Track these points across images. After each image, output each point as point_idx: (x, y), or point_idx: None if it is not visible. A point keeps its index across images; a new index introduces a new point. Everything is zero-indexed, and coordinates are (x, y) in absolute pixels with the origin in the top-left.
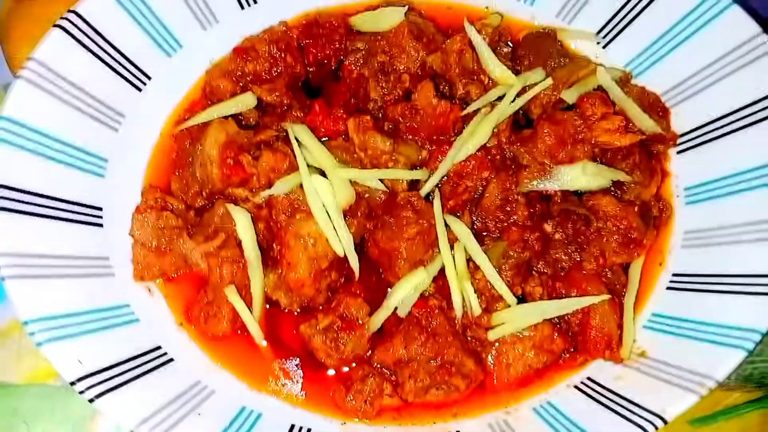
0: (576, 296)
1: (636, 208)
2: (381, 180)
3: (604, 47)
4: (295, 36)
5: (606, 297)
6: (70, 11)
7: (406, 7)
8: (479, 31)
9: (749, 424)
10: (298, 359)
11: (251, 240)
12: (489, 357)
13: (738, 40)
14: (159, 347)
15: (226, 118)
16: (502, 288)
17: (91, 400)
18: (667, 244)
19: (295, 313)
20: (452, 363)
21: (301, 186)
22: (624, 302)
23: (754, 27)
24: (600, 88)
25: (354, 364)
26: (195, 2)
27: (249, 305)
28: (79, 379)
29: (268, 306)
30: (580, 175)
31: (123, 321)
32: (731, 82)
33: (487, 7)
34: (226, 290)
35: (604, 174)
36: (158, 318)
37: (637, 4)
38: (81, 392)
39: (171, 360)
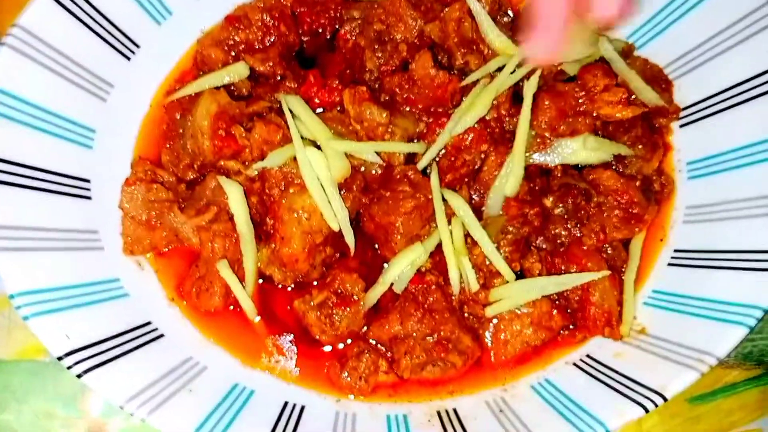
0: (576, 272)
1: (637, 183)
2: (377, 153)
3: None
4: (288, 4)
5: (606, 273)
6: None
7: None
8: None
9: (748, 402)
10: (292, 335)
11: (244, 213)
12: (486, 333)
13: (743, 10)
14: (149, 322)
15: (217, 88)
16: (500, 263)
17: (79, 376)
18: (669, 220)
19: (289, 289)
20: (449, 339)
21: (295, 159)
22: (624, 278)
23: None
24: (602, 60)
25: (349, 341)
26: None
27: (242, 280)
28: (67, 354)
29: (261, 281)
30: (580, 149)
31: (112, 295)
32: (736, 54)
33: None
34: (218, 264)
35: (605, 147)
36: (148, 293)
37: None
38: (68, 367)
39: (161, 335)
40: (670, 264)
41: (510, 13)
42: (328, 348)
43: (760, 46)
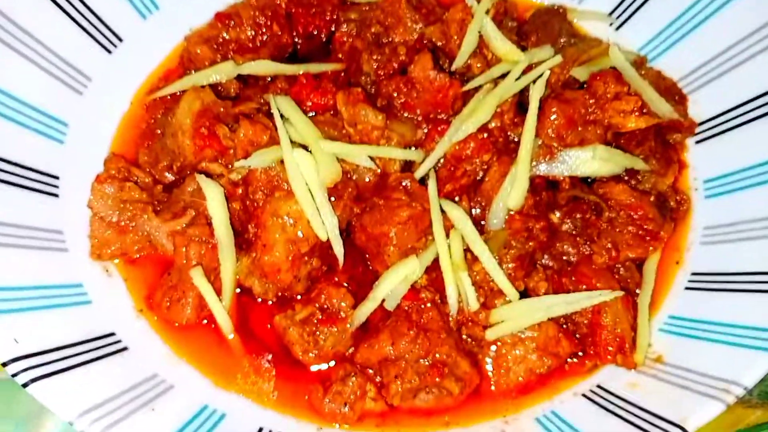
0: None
1: (652, 198)
2: (372, 159)
3: (616, 29)
4: (283, 4)
5: (619, 293)
6: None
7: None
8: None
9: None
10: (270, 355)
11: (223, 216)
12: (486, 359)
13: (760, 21)
14: (113, 333)
15: (203, 87)
16: (502, 281)
17: (24, 385)
18: (685, 241)
19: (270, 303)
20: (445, 363)
21: (282, 162)
22: (638, 302)
23: None
24: (613, 69)
25: (334, 362)
26: None
27: (218, 292)
28: (13, 360)
29: (239, 293)
30: (590, 160)
31: (73, 302)
32: (753, 67)
33: None
34: (191, 272)
35: (616, 159)
36: (114, 301)
37: None
38: (14, 375)
39: (125, 348)
40: (687, 288)
41: (515, 20)
42: (312, 369)
43: None
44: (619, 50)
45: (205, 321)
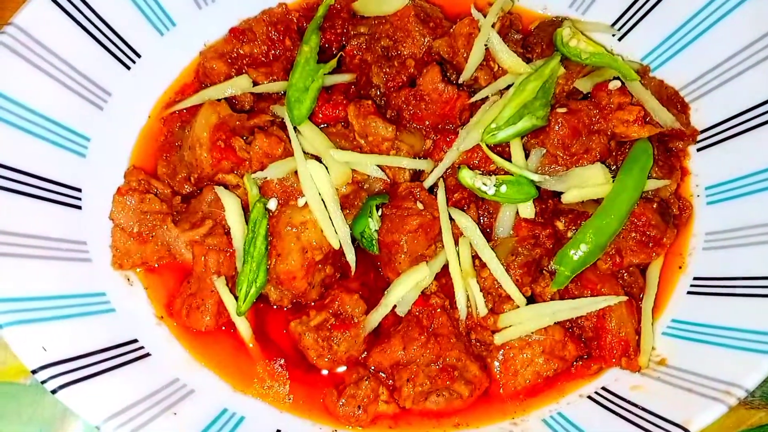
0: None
1: (654, 205)
2: (382, 169)
3: (619, 39)
4: (294, 18)
5: (623, 298)
6: None
7: None
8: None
9: None
10: (282, 359)
11: (241, 227)
12: (495, 362)
13: (761, 31)
14: (135, 340)
15: (219, 100)
16: (510, 287)
17: (53, 391)
18: (687, 247)
19: (285, 309)
20: (455, 367)
21: (296, 172)
22: (642, 306)
23: None
24: (617, 79)
25: (347, 366)
26: None
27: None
28: (42, 367)
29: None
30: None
31: (97, 310)
32: (753, 76)
33: None
34: (214, 279)
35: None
36: (136, 309)
37: None
38: (43, 382)
39: (147, 354)
40: (689, 292)
41: (520, 31)
42: (325, 373)
43: None
44: (623, 59)
45: (223, 328)
